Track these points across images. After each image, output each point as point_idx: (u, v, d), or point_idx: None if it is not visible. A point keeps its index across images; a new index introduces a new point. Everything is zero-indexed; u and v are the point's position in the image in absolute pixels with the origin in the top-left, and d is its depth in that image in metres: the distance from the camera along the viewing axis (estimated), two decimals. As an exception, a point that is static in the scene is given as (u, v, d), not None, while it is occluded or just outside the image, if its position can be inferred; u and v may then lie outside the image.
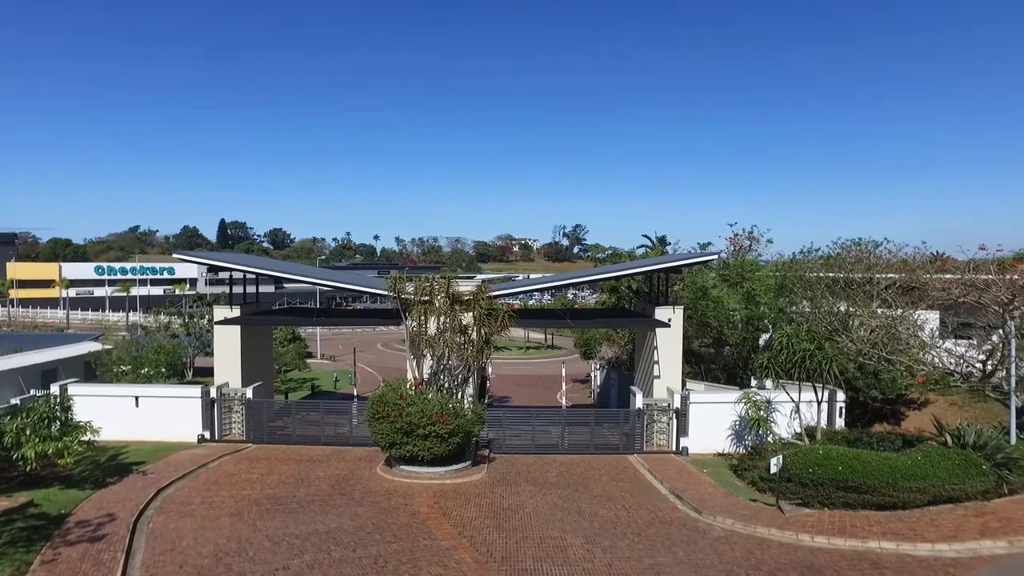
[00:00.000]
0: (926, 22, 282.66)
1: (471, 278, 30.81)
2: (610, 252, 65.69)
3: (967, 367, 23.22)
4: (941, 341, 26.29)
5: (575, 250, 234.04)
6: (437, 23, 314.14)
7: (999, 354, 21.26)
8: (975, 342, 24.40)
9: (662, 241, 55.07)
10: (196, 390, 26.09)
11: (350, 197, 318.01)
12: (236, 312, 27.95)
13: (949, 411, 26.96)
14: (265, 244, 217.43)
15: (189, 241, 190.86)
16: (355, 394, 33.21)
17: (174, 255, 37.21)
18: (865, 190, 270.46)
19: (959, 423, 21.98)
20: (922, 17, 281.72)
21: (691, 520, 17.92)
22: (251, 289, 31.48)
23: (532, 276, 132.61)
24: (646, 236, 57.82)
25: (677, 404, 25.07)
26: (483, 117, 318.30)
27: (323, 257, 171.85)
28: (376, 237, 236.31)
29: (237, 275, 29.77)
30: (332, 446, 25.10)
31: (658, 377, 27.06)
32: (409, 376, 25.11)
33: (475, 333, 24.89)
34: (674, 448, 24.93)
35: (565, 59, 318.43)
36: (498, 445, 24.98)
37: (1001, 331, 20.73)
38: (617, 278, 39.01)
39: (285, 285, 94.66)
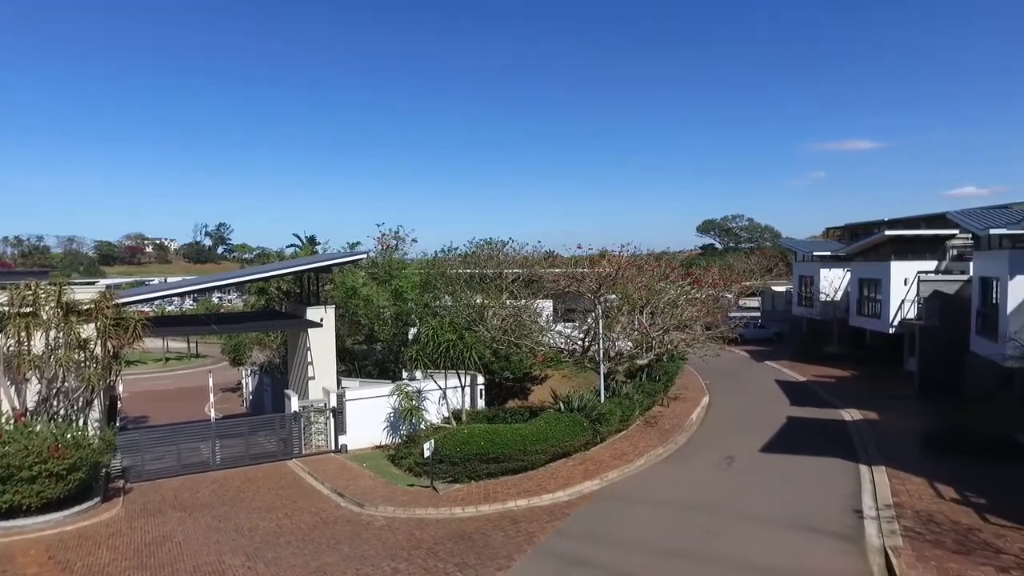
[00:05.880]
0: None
1: (92, 283, 26.61)
2: (258, 252, 62.82)
3: (572, 345, 28.34)
4: (554, 325, 31.55)
5: (219, 251, 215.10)
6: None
7: (592, 332, 26.46)
8: (577, 324, 29.90)
9: (312, 241, 54.50)
10: None
11: None
12: None
13: (562, 382, 32.61)
14: None
15: None
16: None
17: None
18: (492, 195, 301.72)
19: (568, 392, 26.82)
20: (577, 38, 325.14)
21: (354, 515, 18.42)
22: None
23: (171, 279, 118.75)
24: (296, 236, 56.53)
25: (333, 403, 25.35)
26: (96, 105, 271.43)
27: None
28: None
29: None
30: None
31: (313, 378, 26.98)
32: (5, 407, 20.64)
33: (99, 347, 21.75)
34: (333, 447, 25.15)
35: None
36: (136, 473, 22.10)
37: (593, 314, 25.87)
38: (266, 279, 37.61)
39: None
